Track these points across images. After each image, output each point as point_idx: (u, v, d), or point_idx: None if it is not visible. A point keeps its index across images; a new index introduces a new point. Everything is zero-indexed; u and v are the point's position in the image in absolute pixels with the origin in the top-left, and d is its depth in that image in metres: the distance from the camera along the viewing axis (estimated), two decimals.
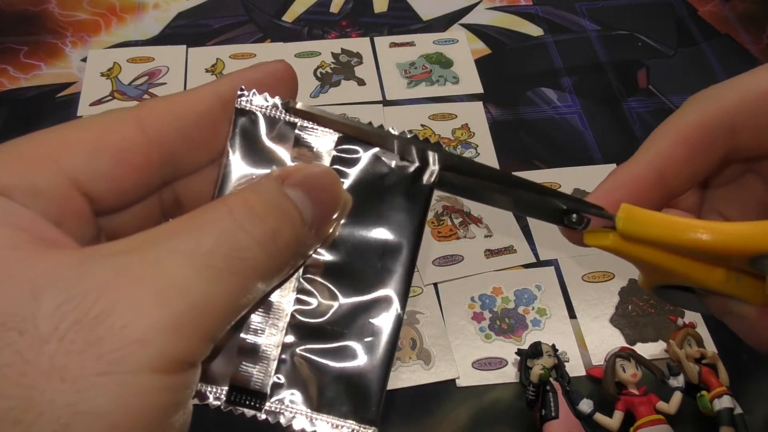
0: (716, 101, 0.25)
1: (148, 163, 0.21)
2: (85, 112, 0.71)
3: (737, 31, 0.82)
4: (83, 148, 0.20)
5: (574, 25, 0.82)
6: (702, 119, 0.25)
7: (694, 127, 0.25)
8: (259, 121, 0.24)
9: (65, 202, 0.20)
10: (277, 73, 0.25)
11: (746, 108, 0.24)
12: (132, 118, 0.21)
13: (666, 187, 0.25)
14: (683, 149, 0.24)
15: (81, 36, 0.79)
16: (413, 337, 0.56)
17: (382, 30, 0.81)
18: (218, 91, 0.24)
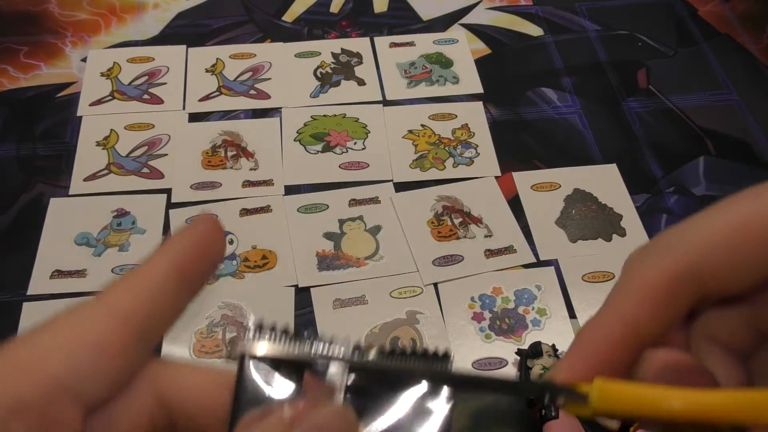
0: (678, 249, 0.24)
1: (125, 346, 0.22)
2: (85, 112, 0.71)
3: (737, 31, 0.82)
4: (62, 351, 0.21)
5: (574, 25, 0.82)
6: (665, 272, 0.24)
7: (658, 283, 0.24)
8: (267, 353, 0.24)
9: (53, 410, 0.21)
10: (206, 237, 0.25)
11: (710, 255, 0.23)
12: (102, 307, 0.22)
13: (638, 340, 0.24)
14: (649, 307, 0.24)
15: (81, 36, 0.79)
16: (413, 337, 0.56)
17: (382, 30, 0.81)
18: (172, 260, 0.24)
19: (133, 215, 0.63)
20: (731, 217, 0.23)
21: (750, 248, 0.23)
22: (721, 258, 0.23)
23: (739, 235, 0.23)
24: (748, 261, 0.23)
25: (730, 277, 0.23)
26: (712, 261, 0.23)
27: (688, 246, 0.23)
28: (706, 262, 0.23)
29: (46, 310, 0.58)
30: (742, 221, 0.23)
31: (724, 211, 0.24)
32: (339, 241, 0.62)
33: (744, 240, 0.23)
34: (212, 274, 0.25)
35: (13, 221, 0.63)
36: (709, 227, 0.23)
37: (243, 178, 0.66)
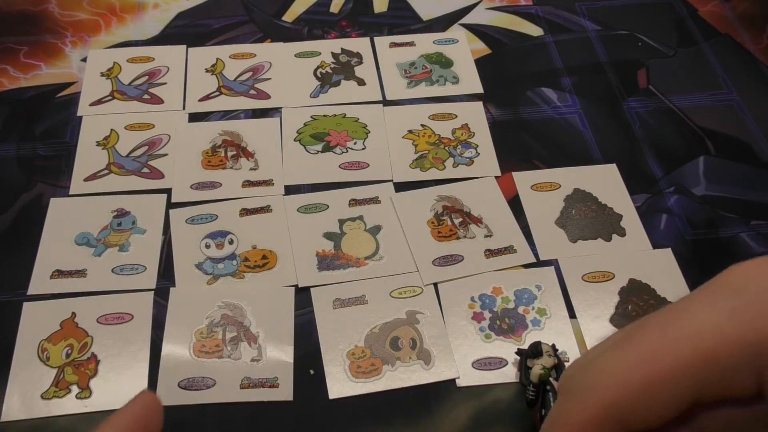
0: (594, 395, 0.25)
1: None
2: (85, 112, 0.71)
3: (737, 31, 0.82)
4: None
5: (574, 25, 0.82)
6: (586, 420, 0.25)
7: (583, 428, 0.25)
8: None
9: None
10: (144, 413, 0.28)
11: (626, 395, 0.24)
12: None
13: None
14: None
15: (81, 36, 0.79)
16: (413, 337, 0.56)
17: (382, 30, 0.81)
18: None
19: (133, 215, 0.63)
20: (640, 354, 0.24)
21: (662, 386, 0.23)
22: (636, 397, 0.24)
23: (650, 374, 0.24)
24: (662, 396, 0.24)
25: (648, 412, 0.24)
26: (628, 401, 0.24)
27: (605, 391, 0.24)
28: (624, 402, 0.24)
29: (46, 310, 0.58)
30: (651, 359, 0.24)
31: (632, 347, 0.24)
32: (339, 241, 0.62)
33: (655, 379, 0.23)
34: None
35: (13, 221, 0.63)
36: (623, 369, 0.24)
37: (243, 178, 0.66)
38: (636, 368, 0.24)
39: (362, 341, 0.56)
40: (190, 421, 0.52)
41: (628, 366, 0.24)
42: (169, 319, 0.57)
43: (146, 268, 0.60)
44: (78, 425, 0.51)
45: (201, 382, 0.53)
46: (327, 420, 0.52)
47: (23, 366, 0.54)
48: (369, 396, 0.53)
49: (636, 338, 0.24)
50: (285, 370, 0.54)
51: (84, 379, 0.53)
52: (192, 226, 0.62)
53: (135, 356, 0.54)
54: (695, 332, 0.23)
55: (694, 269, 0.61)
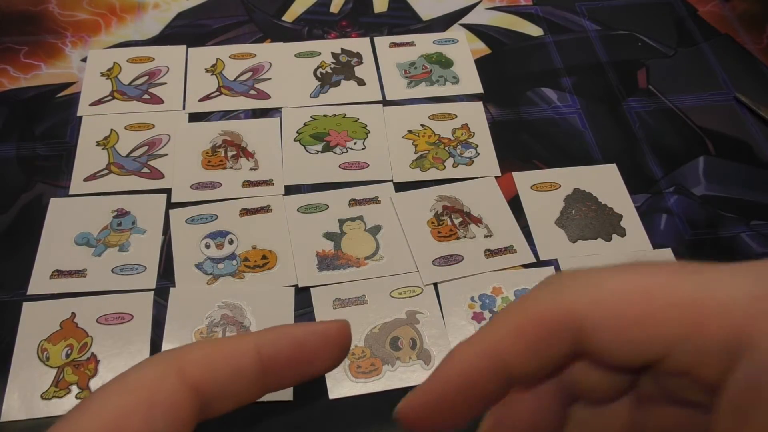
0: (567, 294, 0.22)
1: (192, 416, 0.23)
2: (85, 112, 0.71)
3: (737, 31, 0.82)
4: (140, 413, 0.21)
5: (574, 25, 0.82)
6: (546, 311, 0.22)
7: (535, 319, 0.22)
8: None
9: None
10: (329, 336, 0.24)
11: (594, 310, 0.22)
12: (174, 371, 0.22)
13: (505, 373, 0.23)
14: (521, 343, 0.23)
15: (81, 36, 0.79)
16: (413, 337, 0.56)
17: (382, 30, 0.81)
18: (259, 346, 0.24)
19: (133, 215, 0.63)
20: (636, 285, 0.22)
21: (638, 325, 0.21)
22: (607, 322, 0.22)
23: (634, 306, 0.22)
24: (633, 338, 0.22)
25: (612, 346, 0.22)
26: (597, 321, 0.22)
27: (576, 294, 0.22)
28: (592, 320, 0.22)
29: (46, 310, 0.58)
30: (642, 296, 0.22)
31: (632, 275, 0.22)
32: (339, 241, 0.62)
33: (636, 314, 0.21)
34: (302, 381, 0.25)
35: (13, 221, 0.63)
36: (608, 285, 0.22)
37: (243, 178, 0.66)
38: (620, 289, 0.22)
39: (362, 341, 0.56)
40: None
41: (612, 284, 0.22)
42: (169, 319, 0.57)
43: (146, 268, 0.60)
44: None
45: None
46: (327, 420, 0.52)
47: (23, 366, 0.54)
48: (369, 396, 0.53)
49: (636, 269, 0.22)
50: None
51: (84, 379, 0.53)
52: (192, 226, 0.62)
53: (135, 356, 0.54)
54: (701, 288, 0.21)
55: None
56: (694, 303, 0.21)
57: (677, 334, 0.21)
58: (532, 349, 0.22)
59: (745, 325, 0.20)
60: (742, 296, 0.20)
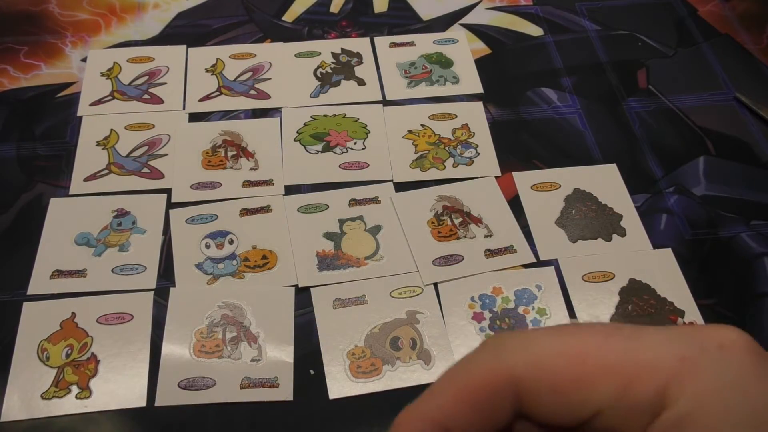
0: (507, 358, 0.23)
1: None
2: (85, 112, 0.71)
3: (737, 31, 0.82)
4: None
5: (574, 25, 0.82)
6: (484, 377, 0.23)
7: (475, 386, 0.23)
8: None
9: None
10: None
11: (532, 374, 0.23)
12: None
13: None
14: (463, 407, 0.23)
15: (81, 36, 0.79)
16: (413, 337, 0.56)
17: (382, 30, 0.81)
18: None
19: (133, 215, 0.63)
20: (571, 348, 0.23)
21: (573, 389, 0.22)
22: (545, 385, 0.23)
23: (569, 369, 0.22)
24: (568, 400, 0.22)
25: (549, 408, 0.23)
26: (535, 383, 0.23)
27: (514, 357, 0.23)
28: (530, 382, 0.23)
29: (46, 310, 0.58)
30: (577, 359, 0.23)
31: (567, 337, 0.23)
32: (339, 241, 0.62)
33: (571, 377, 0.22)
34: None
35: (13, 221, 0.63)
36: (545, 348, 0.23)
37: (243, 178, 0.66)
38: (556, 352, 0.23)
39: (362, 341, 0.56)
40: (190, 421, 0.52)
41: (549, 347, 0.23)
42: (169, 319, 0.57)
43: (146, 268, 0.60)
44: (78, 425, 0.51)
45: (201, 382, 0.53)
46: (327, 420, 0.52)
47: (23, 366, 0.54)
48: (369, 396, 0.53)
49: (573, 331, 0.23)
50: (285, 370, 0.54)
51: (84, 379, 0.53)
52: (192, 226, 0.62)
53: (135, 356, 0.54)
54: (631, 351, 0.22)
55: (694, 269, 0.61)
56: (625, 365, 0.22)
57: (609, 395, 0.22)
58: (473, 412, 0.23)
59: (670, 384, 0.21)
60: (670, 358, 0.22)
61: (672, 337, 0.22)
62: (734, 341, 0.22)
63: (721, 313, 0.58)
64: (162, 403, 0.52)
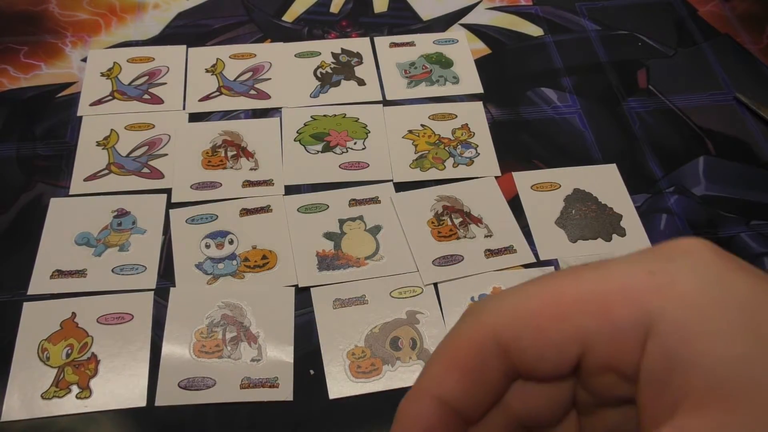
0: (486, 317, 0.23)
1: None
2: (85, 112, 0.71)
3: (737, 31, 0.82)
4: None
5: (574, 25, 0.82)
6: (470, 340, 0.23)
7: (463, 352, 0.23)
8: None
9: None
10: None
11: (515, 325, 0.22)
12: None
13: (457, 414, 0.23)
14: (457, 374, 0.23)
15: (81, 36, 0.79)
16: (413, 337, 0.56)
17: (382, 30, 0.81)
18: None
19: (133, 215, 0.63)
20: (545, 291, 0.23)
21: (550, 320, 0.22)
22: (524, 329, 0.22)
23: (546, 309, 0.22)
24: (549, 333, 0.22)
25: (532, 346, 0.22)
26: (515, 331, 0.22)
27: (497, 314, 0.23)
28: (510, 332, 0.22)
29: (46, 310, 0.58)
30: (551, 298, 0.22)
31: (541, 284, 0.23)
32: (339, 241, 0.62)
33: (544, 312, 0.22)
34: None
35: (13, 221, 0.63)
36: (520, 298, 0.23)
37: (243, 178, 0.66)
38: (531, 298, 0.23)
39: (362, 341, 0.56)
40: (190, 421, 0.52)
41: (525, 295, 0.23)
42: (169, 319, 0.57)
43: (146, 268, 0.60)
44: (78, 425, 0.51)
45: (201, 382, 0.53)
46: (327, 420, 0.52)
47: (23, 366, 0.54)
48: (369, 396, 0.53)
49: (546, 278, 0.23)
50: (285, 370, 0.54)
51: (84, 379, 0.53)
52: (192, 226, 0.62)
53: (135, 356, 0.54)
54: (602, 279, 0.22)
55: None
56: (598, 292, 0.22)
57: (589, 325, 0.22)
58: (465, 378, 0.23)
59: (647, 301, 0.21)
60: (640, 274, 0.21)
61: (638, 258, 0.22)
62: (698, 246, 0.21)
63: None
64: (162, 403, 0.52)
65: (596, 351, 0.22)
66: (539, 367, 0.23)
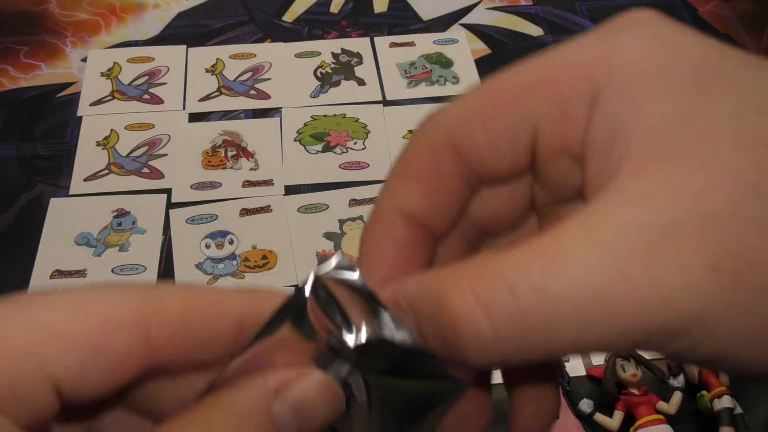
0: (437, 124, 0.22)
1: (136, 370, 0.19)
2: (85, 112, 0.71)
3: (737, 31, 0.82)
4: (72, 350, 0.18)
5: (574, 25, 0.82)
6: (424, 147, 0.22)
7: (418, 158, 0.22)
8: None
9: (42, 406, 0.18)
10: None
11: (466, 122, 0.21)
12: (137, 321, 0.19)
13: (424, 228, 0.22)
14: (415, 184, 0.22)
15: (81, 36, 0.79)
16: None
17: (382, 30, 0.81)
18: (243, 312, 0.21)
19: (133, 215, 0.63)
20: (492, 86, 0.22)
21: (501, 114, 0.21)
22: (474, 126, 0.21)
23: (493, 100, 0.21)
24: (499, 124, 0.21)
25: (486, 147, 0.21)
26: (466, 129, 0.21)
27: (447, 118, 0.22)
28: (461, 131, 0.21)
29: None
30: (499, 89, 0.21)
31: (489, 82, 0.22)
32: (339, 241, 0.62)
33: (496, 106, 0.21)
34: None
35: (13, 221, 0.63)
36: (470, 98, 0.22)
37: (243, 178, 0.66)
38: (480, 95, 0.21)
39: None
40: None
41: (473, 95, 0.22)
42: None
43: (146, 268, 0.60)
44: None
45: None
46: None
47: None
48: None
49: (495, 76, 0.22)
50: None
51: None
52: (192, 226, 0.62)
53: None
54: (549, 61, 0.21)
55: None
56: (544, 74, 0.21)
57: (538, 107, 0.21)
58: (427, 187, 0.22)
59: (591, 71, 0.20)
60: (587, 51, 0.21)
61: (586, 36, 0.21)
62: (646, 15, 0.20)
63: None
64: None
65: (547, 132, 0.21)
66: (495, 163, 0.22)
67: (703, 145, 0.18)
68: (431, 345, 0.20)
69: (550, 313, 0.17)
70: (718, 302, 0.17)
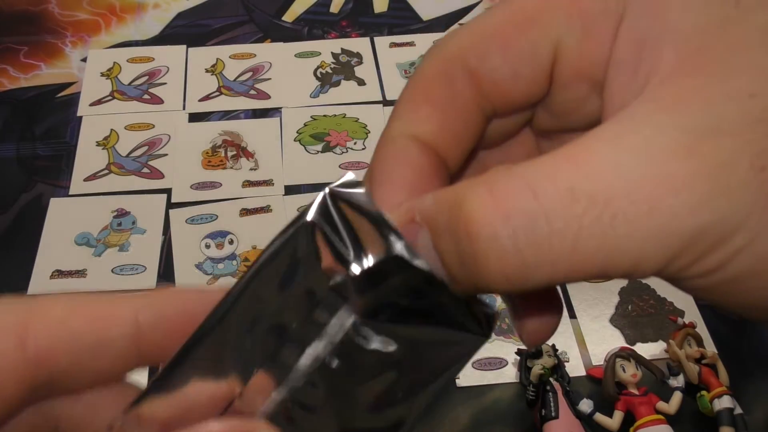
0: (450, 45, 0.21)
1: (19, 386, 0.18)
2: (85, 112, 0.71)
3: None
4: None
5: None
6: (436, 69, 0.21)
7: (429, 80, 0.21)
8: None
9: None
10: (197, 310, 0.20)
11: (478, 44, 0.20)
12: (15, 331, 0.18)
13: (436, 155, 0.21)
14: (427, 108, 0.21)
15: (81, 36, 0.79)
16: None
17: (382, 30, 0.81)
18: (138, 315, 0.19)
19: (133, 215, 0.63)
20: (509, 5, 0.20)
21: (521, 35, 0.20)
22: (491, 47, 0.20)
23: (512, 18, 0.20)
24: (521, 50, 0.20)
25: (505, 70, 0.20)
26: (482, 50, 0.20)
27: (461, 40, 0.21)
28: (477, 52, 0.20)
29: None
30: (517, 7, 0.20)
31: (504, 2, 0.20)
32: None
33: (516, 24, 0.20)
34: None
35: (13, 221, 0.63)
36: (484, 19, 0.21)
37: (243, 178, 0.66)
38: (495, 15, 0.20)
39: None
40: None
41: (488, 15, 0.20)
42: None
43: (146, 268, 0.60)
44: None
45: None
46: None
47: None
48: None
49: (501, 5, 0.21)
50: None
51: None
52: (192, 226, 0.62)
53: None
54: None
55: None
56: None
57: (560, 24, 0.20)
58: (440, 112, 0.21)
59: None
60: None
61: None
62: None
63: (721, 315, 0.58)
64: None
65: (569, 52, 0.20)
66: (513, 89, 0.20)
67: (739, 53, 0.17)
68: (448, 268, 0.18)
69: (577, 216, 0.16)
70: (760, 205, 0.16)
